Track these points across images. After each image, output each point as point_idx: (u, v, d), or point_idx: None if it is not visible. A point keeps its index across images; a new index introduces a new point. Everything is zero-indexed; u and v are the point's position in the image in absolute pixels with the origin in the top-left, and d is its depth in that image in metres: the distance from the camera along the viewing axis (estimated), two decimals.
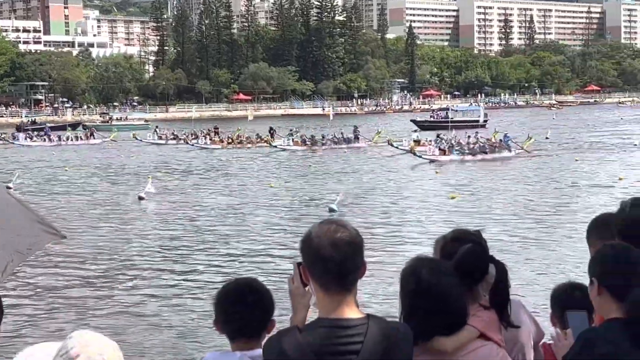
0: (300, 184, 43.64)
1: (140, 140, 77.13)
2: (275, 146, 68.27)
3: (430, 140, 60.44)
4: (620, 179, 40.85)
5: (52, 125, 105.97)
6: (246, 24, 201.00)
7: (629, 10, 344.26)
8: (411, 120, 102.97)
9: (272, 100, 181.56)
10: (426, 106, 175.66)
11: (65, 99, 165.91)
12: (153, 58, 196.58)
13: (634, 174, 43.87)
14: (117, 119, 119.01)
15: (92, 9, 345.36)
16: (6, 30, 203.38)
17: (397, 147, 60.94)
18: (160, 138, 79.74)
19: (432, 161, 54.28)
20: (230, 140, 74.09)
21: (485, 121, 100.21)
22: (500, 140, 59.17)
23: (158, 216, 33.47)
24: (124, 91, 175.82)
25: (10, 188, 40.82)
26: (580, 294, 4.10)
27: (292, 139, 70.02)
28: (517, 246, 24.99)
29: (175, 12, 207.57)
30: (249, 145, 71.88)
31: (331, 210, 32.15)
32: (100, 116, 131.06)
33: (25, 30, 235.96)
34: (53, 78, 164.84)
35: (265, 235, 27.93)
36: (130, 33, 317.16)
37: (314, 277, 3.32)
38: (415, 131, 70.57)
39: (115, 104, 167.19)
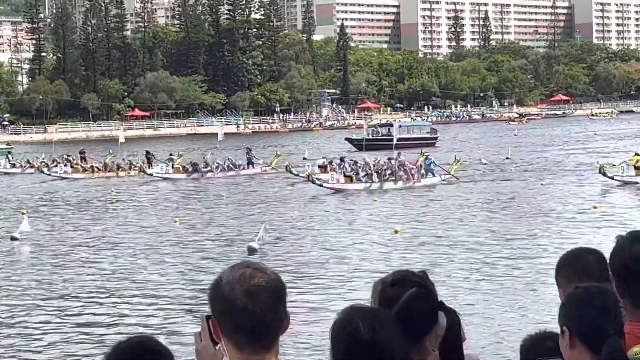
0: (205, 219, 43.56)
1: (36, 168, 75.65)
2: (151, 174, 67.66)
3: (340, 164, 59.99)
4: (594, 207, 41.54)
5: None
6: (142, 25, 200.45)
7: (601, 4, 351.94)
8: (346, 139, 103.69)
9: (175, 117, 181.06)
10: (363, 122, 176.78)
11: None
12: (27, 66, 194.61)
13: (610, 201, 44.67)
14: None
15: None
16: None
17: (297, 175, 60.91)
18: (13, 166, 78.75)
19: (336, 191, 53.62)
20: (97, 168, 73.28)
21: (434, 139, 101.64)
22: (420, 165, 58.31)
23: (35, 260, 33.07)
24: None
25: None
26: (552, 344, 4.12)
27: (172, 166, 69.34)
28: (474, 289, 25.12)
29: (54, 11, 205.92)
30: (122, 174, 71.32)
31: (251, 250, 31.92)
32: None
33: None
34: None
35: (167, 283, 27.71)
36: None
37: (226, 333, 3.27)
38: (324, 157, 69.97)
39: None
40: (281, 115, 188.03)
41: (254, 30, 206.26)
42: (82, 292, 26.77)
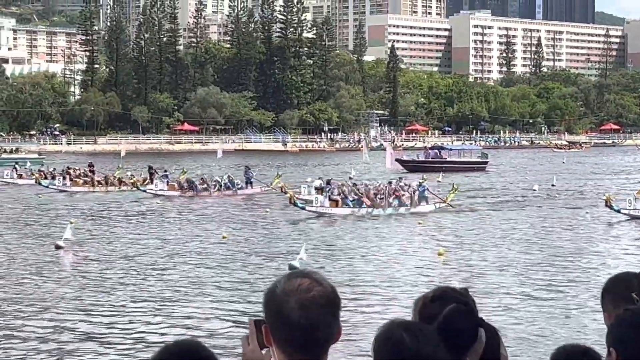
0: (246, 235, 43.59)
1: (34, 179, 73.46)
2: (145, 190, 65.92)
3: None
4: None
5: None
6: (194, 40, 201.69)
7: None
8: (396, 160, 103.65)
9: (224, 132, 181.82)
10: (411, 143, 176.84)
11: None
12: (80, 78, 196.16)
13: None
14: (7, 152, 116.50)
15: (8, 17, 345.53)
16: None
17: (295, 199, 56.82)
18: (20, 177, 77.83)
19: (319, 215, 51.28)
20: (97, 182, 71.60)
21: (484, 163, 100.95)
22: (414, 190, 55.41)
23: (79, 268, 33.18)
24: (43, 117, 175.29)
25: None
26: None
27: (168, 182, 67.56)
28: (514, 309, 25.04)
29: (108, 23, 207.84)
30: (124, 188, 69.67)
31: (292, 268, 31.99)
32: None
33: None
34: None
35: (209, 294, 27.75)
36: (53, 47, 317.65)
37: (277, 340, 3.23)
38: (320, 178, 65.23)
39: (32, 132, 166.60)
40: (329, 134, 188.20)
41: (306, 49, 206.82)
42: (127, 301, 26.84)
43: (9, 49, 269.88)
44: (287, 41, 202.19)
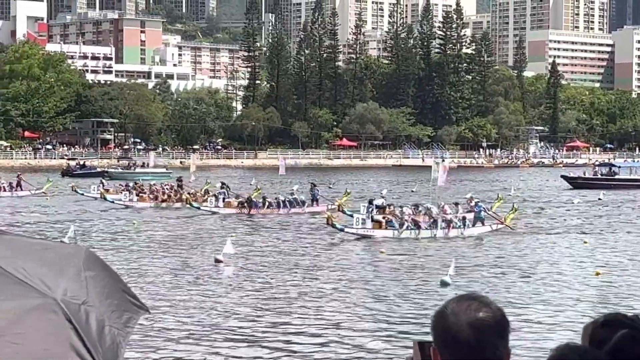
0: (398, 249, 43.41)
1: (82, 194, 73.17)
2: (199, 207, 62.93)
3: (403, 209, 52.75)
4: None
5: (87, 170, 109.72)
6: (354, 56, 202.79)
7: None
8: (562, 177, 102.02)
9: (382, 148, 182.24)
10: (572, 160, 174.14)
11: (137, 140, 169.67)
12: (242, 93, 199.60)
13: None
14: (141, 166, 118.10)
15: (173, 34, 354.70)
16: (72, 57, 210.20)
17: (350, 215, 53.25)
18: (107, 191, 74.31)
19: (362, 237, 47.63)
20: (163, 198, 69.19)
21: None
22: (462, 211, 52.46)
23: (240, 282, 33.48)
24: (206, 131, 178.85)
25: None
26: None
27: (224, 199, 64.70)
28: None
29: (270, 40, 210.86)
30: (196, 204, 64.97)
31: (444, 283, 31.99)
32: (118, 161, 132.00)
33: (94, 58, 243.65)
34: (124, 114, 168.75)
35: (366, 312, 27.70)
36: (216, 63, 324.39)
37: None
38: (383, 196, 61.60)
39: (195, 146, 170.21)
40: (487, 150, 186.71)
41: (465, 64, 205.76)
42: (289, 317, 26.97)
43: (174, 65, 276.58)
44: (446, 57, 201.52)
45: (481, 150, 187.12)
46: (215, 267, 37.39)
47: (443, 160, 65.72)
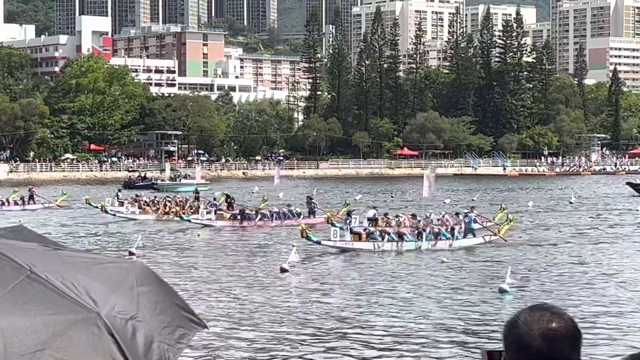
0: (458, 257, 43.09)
1: (95, 207, 69.14)
2: (189, 220, 59.80)
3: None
4: None
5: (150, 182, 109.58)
6: (414, 66, 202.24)
7: None
8: (627, 184, 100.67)
9: (443, 157, 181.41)
10: (634, 167, 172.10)
11: (201, 151, 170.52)
12: (303, 104, 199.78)
13: None
14: (184, 177, 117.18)
15: (235, 46, 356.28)
16: (136, 71, 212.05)
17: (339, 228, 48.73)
18: (121, 204, 70.79)
19: (342, 250, 45.10)
20: (166, 209, 66.29)
21: None
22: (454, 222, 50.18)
23: (310, 292, 33.45)
24: (268, 142, 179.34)
25: (133, 254, 41.99)
26: None
27: (215, 212, 62.01)
28: None
29: (330, 51, 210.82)
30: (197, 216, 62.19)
31: (502, 291, 31.85)
32: (161, 172, 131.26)
33: (158, 71, 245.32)
34: (187, 126, 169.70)
35: (431, 320, 27.57)
36: (277, 75, 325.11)
37: None
38: (374, 207, 58.78)
39: (257, 157, 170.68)
40: (549, 158, 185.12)
41: (525, 73, 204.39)
42: (357, 328, 26.94)
43: (236, 77, 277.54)
44: (507, 66, 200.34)
45: (542, 158, 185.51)
46: (280, 276, 37.42)
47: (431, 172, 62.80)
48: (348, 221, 49.08)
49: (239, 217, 60.71)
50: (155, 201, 69.61)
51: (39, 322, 3.48)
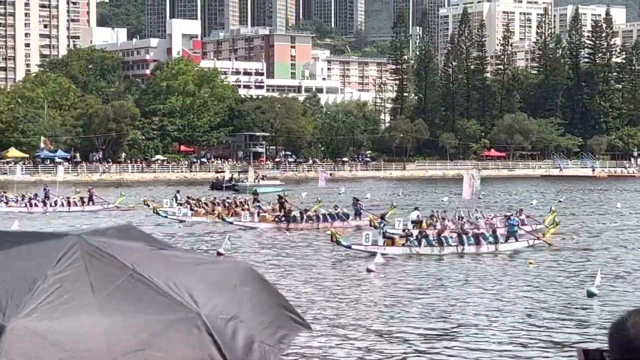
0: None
1: (151, 209, 68.75)
2: (231, 222, 58.81)
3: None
4: None
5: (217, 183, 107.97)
6: (502, 67, 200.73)
7: None
8: None
9: (531, 158, 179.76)
10: None
11: (288, 152, 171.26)
12: (390, 106, 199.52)
13: None
14: (261, 178, 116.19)
15: (323, 48, 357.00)
16: (225, 73, 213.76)
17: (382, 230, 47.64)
18: (180, 205, 69.11)
19: (371, 254, 42.58)
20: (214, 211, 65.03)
21: None
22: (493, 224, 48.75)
23: (398, 292, 33.48)
24: (355, 144, 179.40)
25: (221, 255, 42.20)
26: None
27: (259, 213, 60.87)
28: None
29: (417, 53, 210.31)
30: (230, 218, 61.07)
31: (590, 294, 31.51)
32: (239, 174, 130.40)
33: (246, 73, 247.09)
34: (275, 128, 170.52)
35: (519, 321, 27.47)
36: (364, 76, 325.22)
37: None
38: (416, 208, 58.03)
39: (344, 159, 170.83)
40: (638, 159, 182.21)
41: (614, 73, 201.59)
42: (449, 328, 26.93)
43: (324, 79, 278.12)
44: (596, 66, 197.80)
45: (632, 159, 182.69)
46: (366, 277, 37.57)
47: (476, 173, 60.58)
48: (382, 224, 47.46)
49: (283, 219, 59.47)
50: (216, 202, 68.46)
51: (141, 321, 3.53)
